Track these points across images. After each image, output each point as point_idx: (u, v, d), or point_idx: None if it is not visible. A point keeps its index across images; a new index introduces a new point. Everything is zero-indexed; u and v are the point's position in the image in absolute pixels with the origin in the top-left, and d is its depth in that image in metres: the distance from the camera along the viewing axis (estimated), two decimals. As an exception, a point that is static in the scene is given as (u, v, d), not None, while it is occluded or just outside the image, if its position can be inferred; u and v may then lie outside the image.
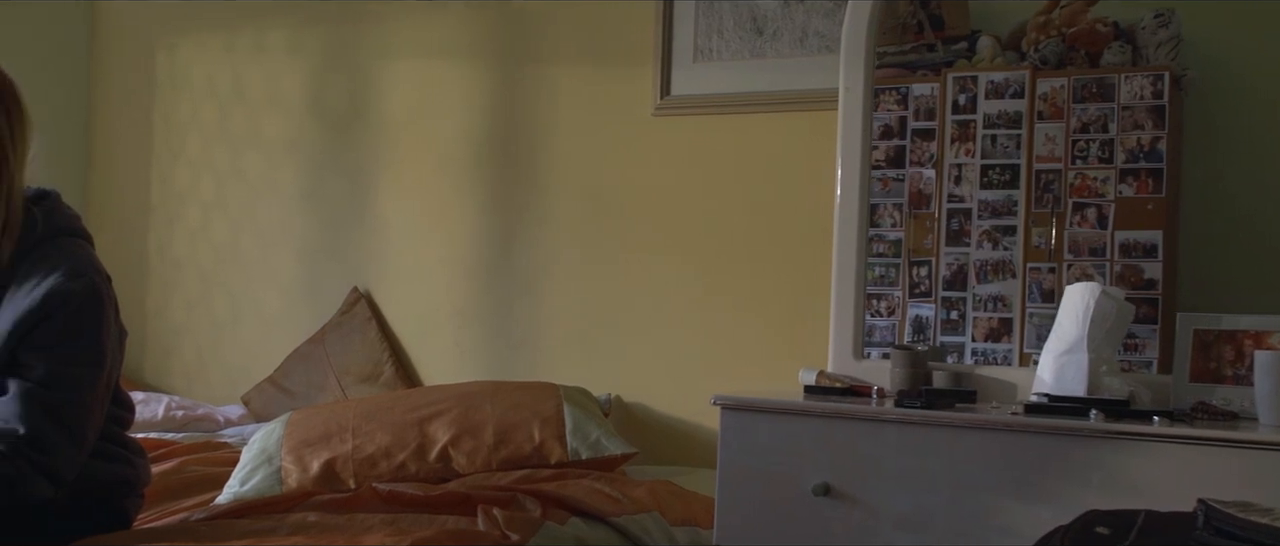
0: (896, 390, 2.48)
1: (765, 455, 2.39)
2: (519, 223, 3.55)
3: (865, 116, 2.77)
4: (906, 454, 2.26)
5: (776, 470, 2.37)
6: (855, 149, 2.77)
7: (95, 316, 2.01)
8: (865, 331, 2.77)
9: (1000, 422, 2.20)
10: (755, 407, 2.43)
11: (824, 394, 2.52)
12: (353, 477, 2.78)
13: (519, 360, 3.51)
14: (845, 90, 2.78)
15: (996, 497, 2.17)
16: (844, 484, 2.30)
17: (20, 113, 2.07)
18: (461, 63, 3.65)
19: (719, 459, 2.43)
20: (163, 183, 4.22)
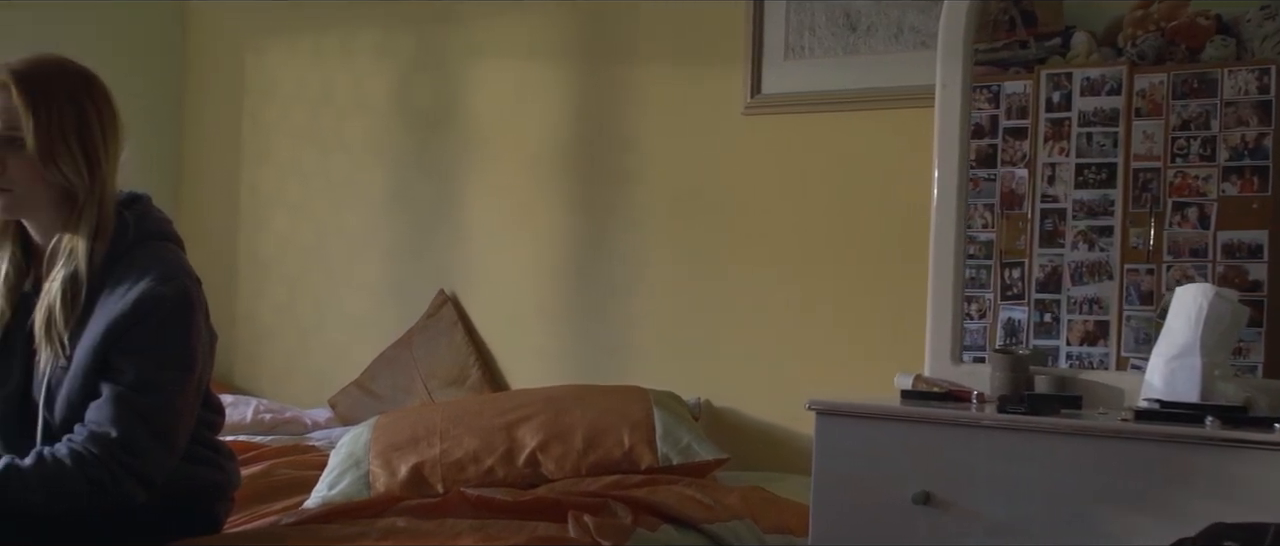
0: (997, 395, 2.41)
1: (861, 461, 2.34)
2: (607, 224, 3.51)
3: (963, 114, 2.70)
4: (1008, 461, 2.20)
5: (873, 477, 2.32)
6: (952, 147, 2.71)
7: (185, 320, 2.01)
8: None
9: (1110, 429, 2.13)
10: (851, 412, 2.38)
11: (921, 399, 2.46)
12: (441, 482, 2.76)
13: (607, 363, 3.47)
14: (942, 87, 2.72)
15: (1102, 507, 2.10)
16: (943, 491, 2.24)
17: (113, 116, 2.08)
18: (549, 63, 3.62)
19: (814, 465, 2.38)
20: (251, 186, 4.24)
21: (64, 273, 2.01)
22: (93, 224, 2.02)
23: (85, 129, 2.02)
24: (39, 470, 1.91)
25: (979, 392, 2.44)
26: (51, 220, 2.05)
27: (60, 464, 1.91)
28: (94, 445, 1.92)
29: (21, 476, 1.90)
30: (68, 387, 1.99)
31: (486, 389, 3.56)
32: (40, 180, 2.00)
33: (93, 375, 1.97)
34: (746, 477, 2.97)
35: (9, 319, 2.06)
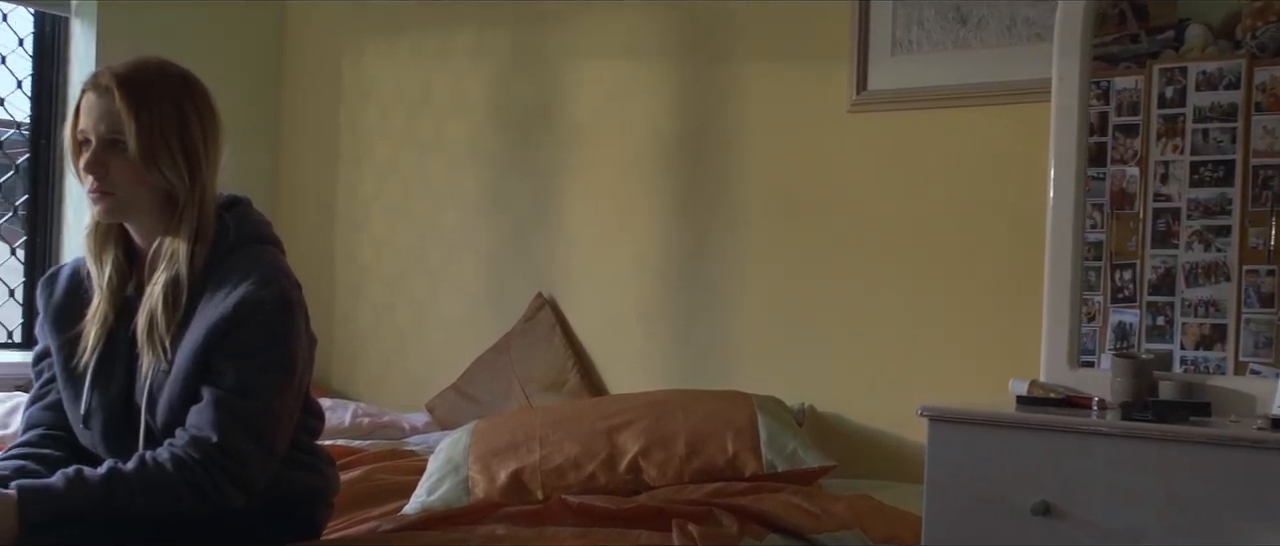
0: (1119, 401, 2.32)
1: (975, 469, 2.27)
2: (709, 225, 3.45)
3: (1081, 109, 2.62)
4: (1132, 470, 2.12)
5: (988, 485, 2.25)
6: (1070, 143, 2.62)
7: (286, 324, 1.99)
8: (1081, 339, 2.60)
9: (1247, 438, 2.02)
10: (966, 419, 2.30)
11: (1038, 405, 2.38)
12: (541, 488, 2.72)
13: (708, 368, 3.41)
14: (1059, 80, 2.64)
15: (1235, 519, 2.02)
16: (1062, 501, 2.16)
17: (213, 118, 2.07)
18: (649, 62, 3.58)
19: (926, 473, 2.31)
20: (349, 189, 4.25)
21: (165, 276, 2.01)
22: (193, 227, 2.02)
23: (186, 131, 2.01)
24: (141, 474, 1.91)
25: (1099, 398, 2.35)
26: (153, 223, 2.05)
27: (161, 468, 1.91)
28: (195, 450, 1.91)
29: (124, 480, 1.90)
30: (169, 391, 1.98)
31: (585, 394, 3.53)
32: (142, 183, 1.99)
33: (194, 379, 1.96)
34: (853, 485, 2.91)
35: (112, 323, 2.06)
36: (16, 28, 3.99)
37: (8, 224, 4.00)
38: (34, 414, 2.15)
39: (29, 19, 4.01)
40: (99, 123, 1.99)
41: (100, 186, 1.99)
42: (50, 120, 3.96)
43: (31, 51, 4.02)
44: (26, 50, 4.02)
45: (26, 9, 3.97)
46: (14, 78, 4.00)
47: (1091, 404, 2.34)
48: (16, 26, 3.99)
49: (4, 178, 3.99)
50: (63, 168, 3.85)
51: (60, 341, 2.09)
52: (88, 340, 2.06)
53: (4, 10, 3.94)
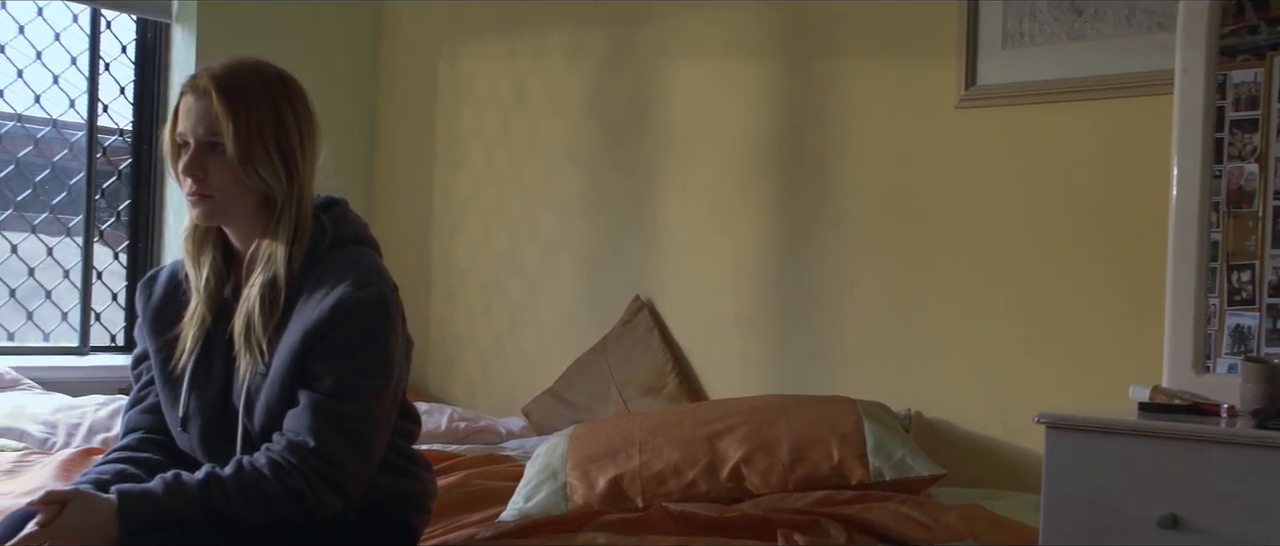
0: (1250, 409, 2.20)
1: (1097, 480, 2.17)
2: (810, 225, 3.37)
3: (1207, 102, 2.53)
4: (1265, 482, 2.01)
5: (1110, 497, 2.16)
6: (1194, 139, 2.53)
7: (383, 326, 1.97)
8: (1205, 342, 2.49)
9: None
10: (1087, 426, 2.21)
11: (1162, 412, 2.28)
12: (640, 495, 2.67)
13: (810, 372, 3.34)
14: (1182, 72, 2.54)
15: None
16: (1191, 514, 2.06)
17: (310, 119, 2.06)
18: (747, 59, 3.51)
19: (1044, 483, 2.23)
20: (445, 191, 4.24)
21: (262, 278, 2.00)
22: (291, 228, 2.01)
23: (283, 133, 2.00)
24: (238, 479, 1.90)
25: (1228, 405, 2.23)
26: (251, 225, 2.04)
27: (259, 473, 1.90)
28: (292, 454, 1.90)
29: (222, 485, 1.89)
30: (266, 395, 1.97)
31: (684, 398, 3.48)
32: (240, 185, 1.99)
33: (291, 382, 1.95)
34: (962, 495, 2.82)
35: (210, 325, 2.06)
36: (120, 35, 4.04)
37: (111, 229, 4.05)
38: (133, 417, 2.15)
39: (131, 26, 4.05)
40: (197, 125, 1.98)
41: (198, 189, 1.99)
42: (152, 126, 4.00)
43: (134, 58, 4.06)
44: (129, 57, 4.06)
45: (129, 16, 4.01)
46: (117, 84, 4.04)
47: (1219, 411, 2.23)
48: (120, 34, 4.04)
49: (108, 183, 4.03)
50: (164, 172, 3.88)
51: (158, 344, 2.09)
52: (185, 343, 2.06)
53: (107, 18, 3.99)
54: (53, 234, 3.94)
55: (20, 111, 3.87)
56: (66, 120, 3.96)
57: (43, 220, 3.94)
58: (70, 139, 3.98)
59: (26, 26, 3.86)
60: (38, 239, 3.93)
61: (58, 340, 3.92)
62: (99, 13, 3.94)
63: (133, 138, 4.07)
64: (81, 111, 3.95)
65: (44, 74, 3.89)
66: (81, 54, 3.95)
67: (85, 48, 3.95)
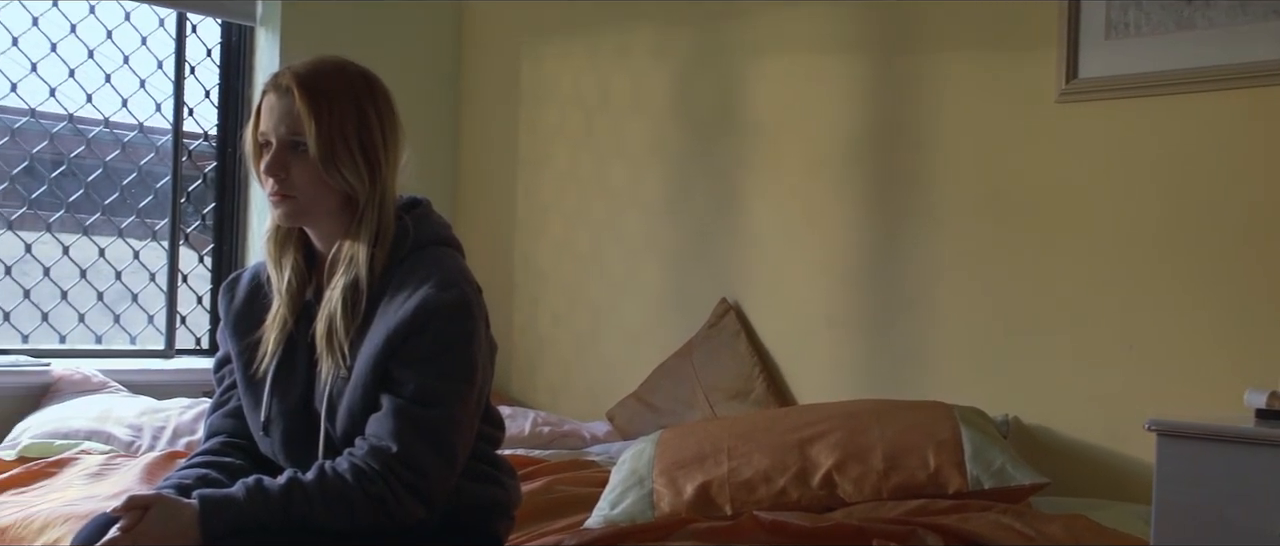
0: (1377, 417, 2.07)
1: (1212, 491, 2.06)
2: (902, 225, 3.28)
3: None
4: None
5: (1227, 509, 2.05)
6: (1314, 129, 2.38)
7: (466, 329, 1.94)
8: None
9: None
10: (1202, 434, 2.10)
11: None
12: (729, 503, 2.60)
13: (902, 376, 3.25)
14: (1304, 59, 2.41)
15: None
16: (1316, 529, 1.94)
17: (393, 119, 2.03)
18: (836, 54, 3.43)
19: (1155, 494, 2.12)
20: (527, 193, 4.21)
21: (344, 280, 1.98)
22: (373, 229, 1.98)
23: (366, 132, 1.98)
24: (320, 485, 1.87)
25: (1355, 413, 2.11)
26: (333, 226, 2.01)
27: (341, 479, 1.87)
28: (374, 460, 1.88)
29: (304, 491, 1.87)
30: (349, 399, 1.95)
31: (772, 403, 3.41)
32: (322, 185, 1.96)
33: (373, 386, 1.93)
34: (1064, 504, 2.72)
35: (292, 328, 2.04)
36: (205, 39, 4.05)
37: (197, 232, 4.06)
38: (216, 421, 2.15)
39: (216, 30, 4.07)
40: (279, 124, 1.97)
41: (280, 189, 1.97)
42: (236, 129, 4.02)
43: (218, 62, 4.08)
44: (214, 60, 4.08)
45: (214, 20, 4.03)
46: (202, 88, 4.06)
47: (1345, 418, 2.11)
48: (205, 38, 4.05)
49: (193, 186, 4.05)
50: (248, 175, 3.89)
51: (240, 347, 2.09)
52: (267, 346, 2.04)
53: (192, 22, 4.00)
54: (139, 238, 3.97)
55: (108, 116, 3.89)
56: (152, 125, 3.98)
57: (129, 224, 3.96)
58: (156, 143, 4.00)
59: (114, 31, 3.88)
60: (125, 243, 3.96)
61: (144, 343, 3.95)
62: (185, 17, 3.96)
63: (217, 141, 4.09)
64: (167, 115, 3.97)
65: (131, 78, 3.92)
66: (167, 58, 3.97)
67: (171, 52, 3.97)
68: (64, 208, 3.85)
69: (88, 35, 3.83)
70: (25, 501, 2.62)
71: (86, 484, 2.71)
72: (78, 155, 3.88)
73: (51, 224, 3.82)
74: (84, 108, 3.84)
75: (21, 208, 3.81)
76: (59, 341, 3.79)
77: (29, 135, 3.79)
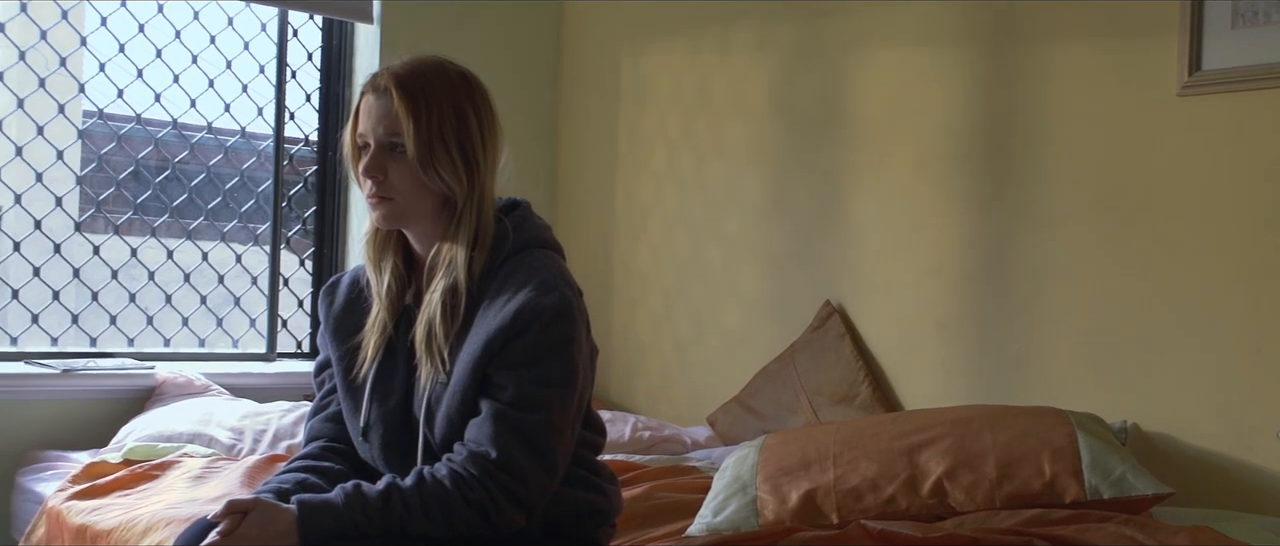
0: None
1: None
2: (1015, 225, 3.17)
3: None
4: None
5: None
6: None
7: (567, 333, 1.91)
8: None
9: None
10: (1343, 445, 1.96)
11: None
12: (836, 511, 2.53)
13: (1015, 381, 3.14)
14: None
15: None
16: None
17: (492, 120, 2.01)
18: (944, 49, 3.34)
19: (1292, 507, 1.98)
20: (627, 195, 4.17)
21: (443, 283, 1.96)
22: (472, 232, 1.97)
23: (464, 133, 1.96)
24: (419, 491, 1.86)
25: None
26: (432, 229, 2.00)
27: (440, 485, 1.86)
28: (474, 466, 1.86)
29: (402, 497, 1.85)
30: (448, 404, 1.93)
31: (878, 408, 3.33)
32: (421, 187, 1.95)
33: (472, 391, 1.91)
34: (1186, 515, 2.59)
35: (391, 332, 2.03)
36: (306, 42, 4.08)
37: (298, 236, 4.09)
38: (315, 425, 2.15)
39: (317, 34, 4.09)
40: (377, 125, 1.96)
41: (379, 191, 1.96)
42: (337, 133, 4.03)
43: (319, 65, 4.10)
44: (315, 64, 4.10)
45: (315, 23, 4.04)
46: (303, 91, 4.08)
47: None
48: (306, 41, 4.08)
49: (294, 190, 4.07)
50: (348, 179, 3.90)
51: (340, 351, 2.08)
52: (367, 350, 2.04)
53: (294, 26, 4.02)
54: (241, 242, 4.01)
55: (210, 121, 3.93)
56: (254, 129, 4.01)
57: (232, 228, 4.00)
58: (258, 147, 4.02)
59: (217, 37, 3.91)
60: (227, 247, 4.00)
61: (246, 347, 3.98)
62: (287, 20, 3.98)
63: (318, 145, 4.11)
64: (268, 120, 3.99)
65: (233, 83, 3.95)
66: (269, 62, 3.99)
67: (273, 56, 3.99)
68: (168, 212, 3.89)
69: (191, 40, 3.86)
70: (129, 504, 2.65)
71: (188, 487, 2.73)
72: (181, 160, 3.92)
73: (156, 228, 3.87)
74: (188, 113, 3.88)
75: (128, 213, 3.86)
76: (163, 345, 3.83)
77: (135, 141, 3.84)
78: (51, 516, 2.74)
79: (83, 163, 3.91)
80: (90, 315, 3.69)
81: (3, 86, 3.52)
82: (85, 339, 3.68)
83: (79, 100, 3.71)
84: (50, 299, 3.60)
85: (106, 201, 3.75)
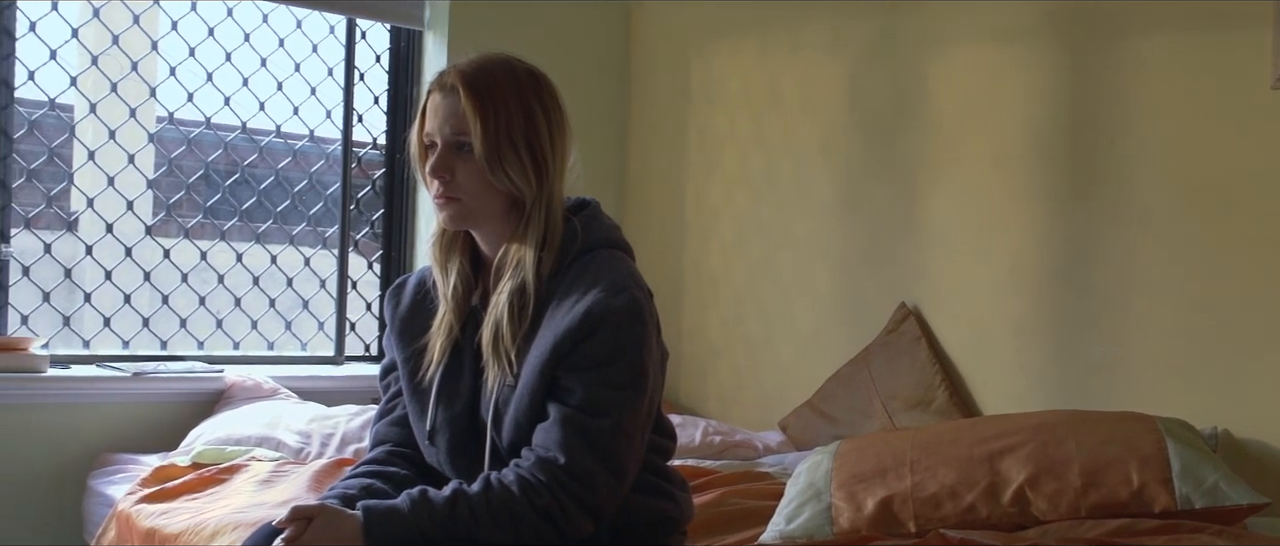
0: None
1: None
2: (1098, 224, 3.08)
3: None
4: None
5: None
6: None
7: (637, 335, 1.87)
8: None
9: None
10: None
11: None
12: (913, 520, 2.45)
13: (1098, 385, 3.05)
14: None
15: None
16: None
17: (561, 117, 1.98)
18: (1023, 43, 3.25)
19: (1399, 519, 1.89)
20: (697, 197, 4.12)
21: (511, 285, 1.93)
22: (540, 232, 1.93)
23: (533, 132, 1.93)
24: (486, 497, 1.83)
25: None
26: (499, 229, 1.97)
27: (507, 491, 1.83)
28: (541, 472, 1.83)
29: (469, 503, 1.82)
30: (515, 408, 1.90)
31: (955, 413, 3.25)
32: (488, 186, 1.92)
33: (540, 395, 1.88)
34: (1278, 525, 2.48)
35: (458, 335, 2.00)
36: (374, 45, 4.07)
37: (366, 239, 4.08)
38: (381, 430, 2.14)
39: (385, 36, 4.08)
40: (444, 124, 1.94)
41: (445, 191, 1.94)
42: (405, 135, 4.01)
43: (387, 67, 4.09)
44: (383, 66, 4.09)
45: (383, 26, 4.03)
46: (371, 94, 4.07)
47: None
48: (375, 44, 4.07)
49: (362, 193, 4.06)
50: (416, 182, 3.89)
51: (406, 354, 2.07)
52: (433, 353, 2.02)
53: (362, 29, 4.02)
54: (310, 245, 4.01)
55: (279, 125, 3.93)
56: (322, 133, 4.01)
57: (301, 231, 4.00)
58: (326, 151, 4.02)
59: (286, 40, 3.91)
60: (296, 250, 4.00)
61: (314, 350, 3.98)
62: (354, 24, 3.98)
63: (386, 148, 4.10)
64: (337, 123, 3.99)
65: (302, 87, 3.95)
66: (337, 65, 3.99)
67: (341, 59, 3.98)
68: (237, 216, 3.89)
69: (260, 44, 3.87)
70: (197, 507, 2.64)
71: (256, 491, 2.72)
72: (251, 164, 3.93)
73: (226, 232, 3.87)
74: (256, 117, 3.89)
75: (197, 216, 3.87)
76: (232, 348, 3.83)
77: (204, 145, 3.85)
78: (121, 519, 2.75)
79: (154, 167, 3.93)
80: (161, 318, 3.71)
81: (75, 91, 3.54)
82: (156, 342, 3.69)
83: (151, 104, 3.73)
84: (122, 302, 3.61)
85: (177, 205, 3.76)
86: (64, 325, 3.53)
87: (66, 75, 3.51)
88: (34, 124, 3.50)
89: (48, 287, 3.52)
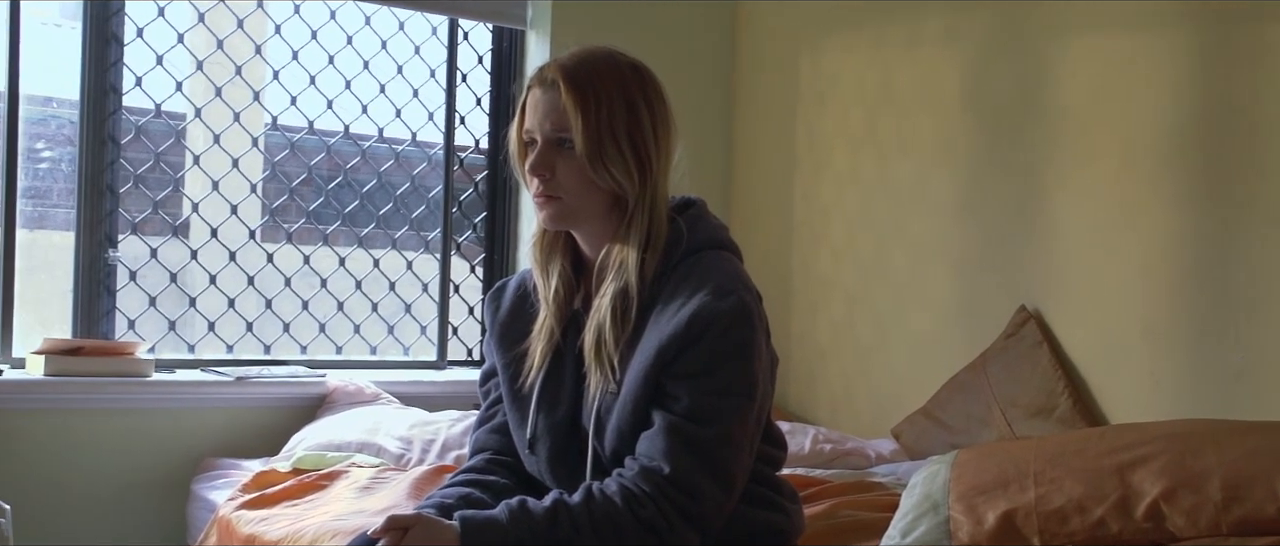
0: None
1: None
2: (1238, 221, 2.92)
3: None
4: None
5: None
6: None
7: (745, 340, 1.80)
8: None
9: None
10: None
11: None
12: (1037, 535, 2.33)
13: (1236, 393, 2.89)
14: None
15: None
16: None
17: (665, 114, 1.92)
18: (1155, 32, 3.09)
19: None
20: (806, 196, 4.02)
21: (613, 287, 1.88)
22: (644, 232, 1.87)
23: (636, 129, 1.87)
24: (587, 508, 1.77)
25: None
26: (601, 229, 1.92)
27: (610, 502, 1.77)
28: (646, 482, 1.77)
29: (570, 514, 1.77)
30: (618, 415, 1.84)
31: (1080, 422, 3.12)
32: (590, 185, 1.87)
33: (644, 402, 1.82)
34: None
35: (559, 340, 1.96)
36: (476, 46, 4.03)
37: (469, 242, 4.05)
38: (480, 437, 2.10)
39: (488, 37, 4.05)
40: (544, 120, 1.88)
41: (546, 190, 1.89)
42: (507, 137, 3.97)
43: (489, 69, 4.05)
44: (485, 68, 4.05)
45: (485, 26, 4.00)
46: (474, 96, 4.04)
47: None
48: (477, 45, 4.03)
49: (465, 196, 4.03)
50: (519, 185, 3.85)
51: (506, 359, 2.03)
52: (533, 358, 1.98)
53: (464, 30, 3.98)
54: (412, 249, 3.99)
55: (381, 129, 3.91)
56: (424, 137, 3.99)
57: (403, 235, 3.98)
58: (428, 154, 4.00)
59: (388, 42, 3.89)
60: (398, 254, 3.98)
61: (417, 354, 3.96)
62: (456, 26, 3.95)
63: (488, 151, 4.06)
64: (439, 126, 3.96)
65: (405, 89, 3.93)
66: (439, 67, 3.96)
67: (443, 61, 3.95)
68: (340, 220, 3.88)
69: (363, 47, 3.85)
70: (296, 514, 2.62)
71: (355, 498, 2.69)
72: (353, 168, 3.91)
73: (328, 236, 3.86)
74: (359, 120, 3.87)
75: (300, 220, 3.87)
76: (335, 352, 3.82)
77: (307, 149, 3.85)
78: (222, 525, 2.73)
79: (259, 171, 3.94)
80: (265, 322, 3.70)
81: (181, 96, 3.55)
82: (259, 346, 3.69)
83: (256, 109, 3.74)
84: (226, 306, 3.62)
85: (280, 209, 3.76)
86: (170, 329, 3.55)
87: (173, 80, 3.52)
88: (141, 130, 3.51)
89: (154, 292, 3.53)
